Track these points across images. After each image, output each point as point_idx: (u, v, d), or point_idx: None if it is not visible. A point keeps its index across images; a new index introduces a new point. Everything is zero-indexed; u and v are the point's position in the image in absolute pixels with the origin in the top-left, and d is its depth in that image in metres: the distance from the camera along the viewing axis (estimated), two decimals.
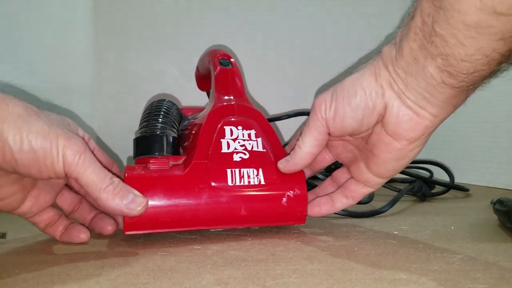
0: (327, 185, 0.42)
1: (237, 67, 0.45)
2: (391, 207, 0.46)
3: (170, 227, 0.35)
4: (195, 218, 0.35)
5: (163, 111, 0.40)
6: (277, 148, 0.39)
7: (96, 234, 0.38)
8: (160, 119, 0.39)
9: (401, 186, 0.57)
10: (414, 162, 0.70)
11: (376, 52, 0.33)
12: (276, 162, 0.38)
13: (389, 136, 0.33)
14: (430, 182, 0.60)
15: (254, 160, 0.37)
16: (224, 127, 0.38)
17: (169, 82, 0.81)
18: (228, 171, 0.36)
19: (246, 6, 0.86)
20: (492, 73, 0.28)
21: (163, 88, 0.81)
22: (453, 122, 0.78)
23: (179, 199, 0.34)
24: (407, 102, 0.31)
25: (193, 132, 0.40)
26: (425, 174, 0.65)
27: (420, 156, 0.83)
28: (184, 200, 0.34)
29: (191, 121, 0.43)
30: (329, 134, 0.35)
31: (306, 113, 0.56)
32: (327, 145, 0.39)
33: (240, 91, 0.43)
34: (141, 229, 0.34)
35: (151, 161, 0.35)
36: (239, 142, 0.38)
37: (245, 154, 0.37)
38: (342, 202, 0.39)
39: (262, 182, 0.37)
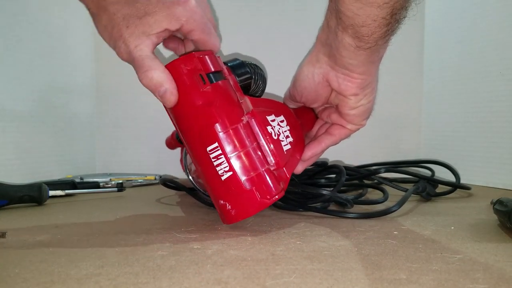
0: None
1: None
2: (400, 207, 0.46)
3: None
4: None
5: (256, 65, 0.46)
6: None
7: (95, 233, 0.38)
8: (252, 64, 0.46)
9: (401, 186, 0.57)
10: (418, 161, 0.70)
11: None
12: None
13: (340, 95, 0.44)
14: (433, 181, 0.59)
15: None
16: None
17: None
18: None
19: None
20: (387, 32, 0.37)
21: None
22: (453, 122, 0.79)
23: None
24: (339, 70, 0.42)
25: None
26: (427, 173, 0.64)
27: (423, 156, 0.84)
28: None
29: None
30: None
31: None
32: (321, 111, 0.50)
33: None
34: None
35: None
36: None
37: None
38: (327, 139, 0.48)
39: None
